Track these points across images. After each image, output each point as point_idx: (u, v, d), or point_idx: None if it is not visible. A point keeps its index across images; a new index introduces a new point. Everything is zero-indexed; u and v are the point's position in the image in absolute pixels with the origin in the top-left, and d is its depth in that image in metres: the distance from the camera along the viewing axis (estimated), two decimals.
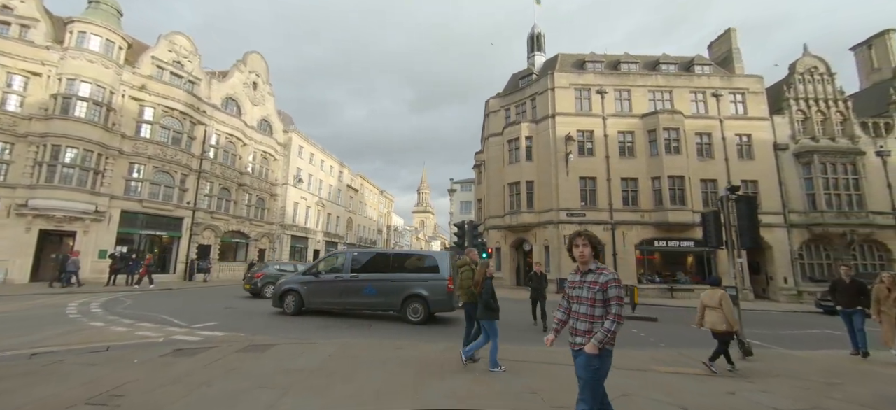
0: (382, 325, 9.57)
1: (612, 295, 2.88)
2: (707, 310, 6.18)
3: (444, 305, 9.92)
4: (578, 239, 3.10)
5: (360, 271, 10.59)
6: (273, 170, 33.17)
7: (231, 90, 28.61)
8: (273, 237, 32.75)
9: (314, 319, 10.01)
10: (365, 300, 10.34)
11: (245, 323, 9.04)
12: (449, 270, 9.94)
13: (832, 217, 23.17)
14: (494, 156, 27.35)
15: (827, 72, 25.89)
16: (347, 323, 9.72)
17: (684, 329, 10.94)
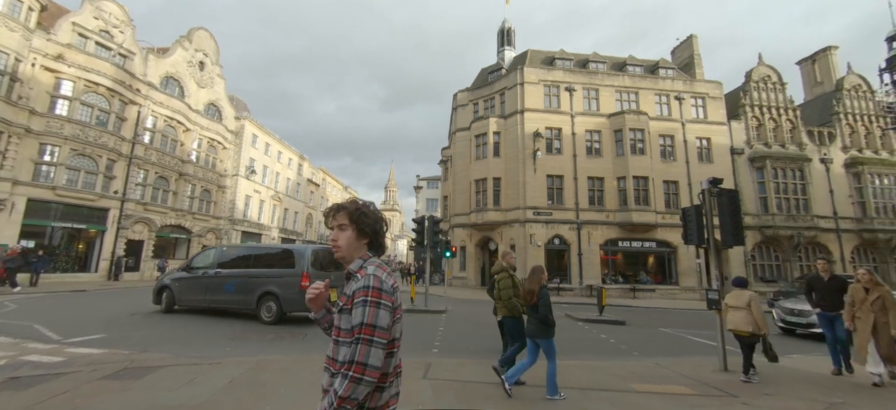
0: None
1: (358, 322, 1.48)
2: (730, 311, 5.97)
3: (296, 304, 8.96)
4: (336, 215, 1.77)
5: (226, 267, 10.08)
6: (222, 160, 30.38)
7: (172, 68, 25.72)
8: (220, 232, 29.98)
9: (235, 325, 8.43)
10: (225, 297, 9.70)
11: (142, 335, 7.33)
12: (307, 265, 9.09)
13: (782, 220, 24.12)
14: (461, 151, 26.36)
15: (779, 82, 27.06)
16: (276, 332, 8.23)
17: (654, 333, 10.36)
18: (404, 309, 12.00)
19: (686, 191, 23.91)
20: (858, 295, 5.79)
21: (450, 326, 9.82)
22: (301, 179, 43.79)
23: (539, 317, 4.50)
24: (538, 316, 4.51)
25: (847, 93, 27.72)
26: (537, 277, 4.65)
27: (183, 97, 26.34)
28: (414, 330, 9.28)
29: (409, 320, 10.60)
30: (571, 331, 9.99)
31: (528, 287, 4.65)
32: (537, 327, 4.56)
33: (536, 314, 4.53)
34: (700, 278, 23.00)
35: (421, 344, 7.69)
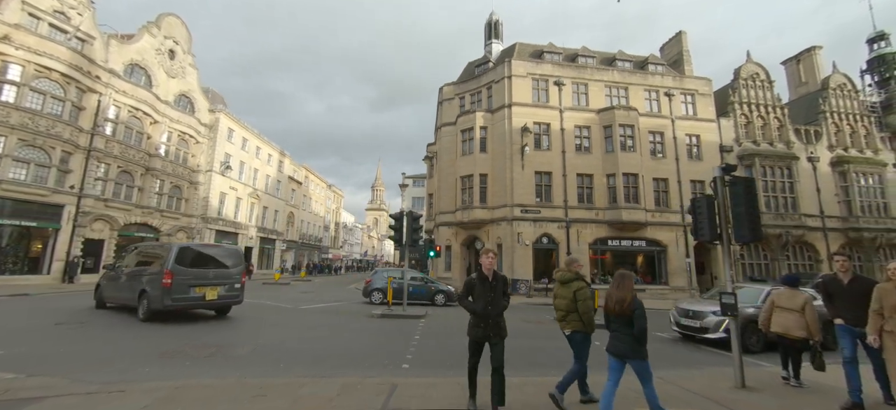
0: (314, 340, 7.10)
1: None
2: (778, 311, 5.44)
3: (157, 302, 8.85)
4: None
5: (130, 265, 10.30)
6: (194, 155, 28.72)
7: (138, 56, 24.05)
8: (192, 231, 28.33)
9: (172, 339, 7.27)
10: (126, 295, 9.88)
11: (49, 352, 6.04)
12: (170, 263, 8.93)
13: (770, 218, 23.84)
14: (447, 146, 25.38)
15: (767, 80, 26.88)
16: (217, 346, 7.09)
17: (651, 338, 9.55)
18: (378, 315, 11.08)
19: (675, 189, 23.44)
20: (890, 299, 4.18)
21: (428, 334, 8.82)
22: (282, 177, 42.14)
23: (635, 332, 3.65)
24: (634, 331, 3.66)
25: (833, 92, 27.74)
26: (628, 283, 3.87)
27: (150, 87, 24.67)
28: (385, 339, 8.27)
29: (382, 327, 9.57)
30: (559, 338, 9.09)
31: (617, 295, 3.83)
32: (630, 344, 3.71)
33: (628, 328, 3.69)
34: (690, 278, 22.54)
35: (389, 357, 6.71)
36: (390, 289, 12.26)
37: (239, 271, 10.30)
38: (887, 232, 25.23)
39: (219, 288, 9.69)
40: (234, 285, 10.04)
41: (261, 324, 9.18)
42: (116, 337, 7.53)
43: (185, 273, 9.07)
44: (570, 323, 4.45)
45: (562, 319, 4.52)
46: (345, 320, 10.35)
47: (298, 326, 9.15)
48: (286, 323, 9.68)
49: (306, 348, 7.02)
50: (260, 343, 7.29)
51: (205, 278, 9.52)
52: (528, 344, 8.17)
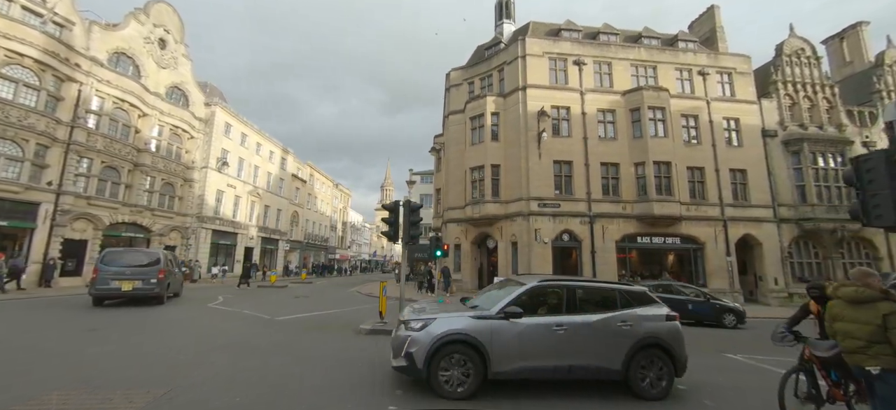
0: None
1: None
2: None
3: (91, 289, 11.88)
4: None
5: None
6: (188, 151, 27.16)
7: (124, 44, 22.51)
8: (186, 231, 26.77)
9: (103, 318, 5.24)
10: None
11: None
12: (97, 262, 11.56)
13: (823, 211, 21.02)
14: (455, 136, 23.20)
15: (813, 56, 23.96)
16: (125, 366, 5.04)
17: (721, 362, 7.20)
18: (367, 330, 8.64)
19: (713, 179, 20.81)
20: None
21: None
22: (285, 174, 40.55)
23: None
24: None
25: (889, 69, 24.66)
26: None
27: (138, 77, 23.12)
28: (373, 361, 6.14)
29: (371, 345, 7.46)
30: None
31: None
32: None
33: None
34: (731, 278, 19.90)
35: (372, 388, 4.67)
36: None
37: (154, 269, 12.42)
38: None
39: (135, 282, 12.03)
40: (150, 280, 12.24)
41: (204, 348, 6.98)
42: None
43: (106, 270, 11.76)
44: (876, 358, 3.14)
45: (858, 351, 3.28)
46: (324, 340, 8.07)
47: (251, 350, 6.91)
48: (239, 343, 7.47)
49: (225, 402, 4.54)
50: (167, 382, 5.11)
51: (122, 275, 11.98)
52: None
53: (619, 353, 5.13)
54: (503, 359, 4.96)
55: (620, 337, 5.21)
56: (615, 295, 5.57)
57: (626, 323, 5.27)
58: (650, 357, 5.22)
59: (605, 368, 5.15)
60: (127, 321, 9.43)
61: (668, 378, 5.22)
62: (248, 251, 33.18)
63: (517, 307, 5.13)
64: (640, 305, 5.50)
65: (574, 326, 5.16)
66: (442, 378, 4.84)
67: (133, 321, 9.45)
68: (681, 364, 5.32)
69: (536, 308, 5.39)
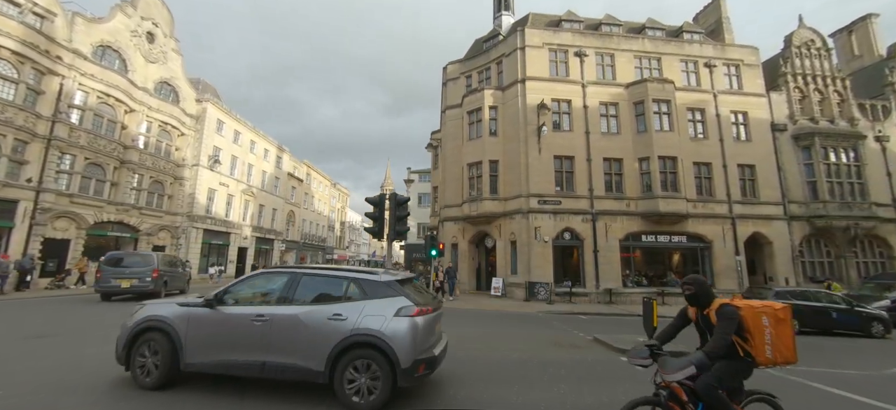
0: None
1: None
2: None
3: (97, 286, 14.36)
4: None
5: None
6: (179, 148, 26.43)
7: (110, 37, 21.75)
8: (176, 231, 26.00)
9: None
10: None
11: None
12: (100, 263, 14.34)
13: (835, 208, 20.16)
14: (452, 132, 22.41)
15: (823, 47, 23.13)
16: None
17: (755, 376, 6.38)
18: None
19: (720, 175, 19.98)
20: None
21: None
22: (280, 173, 39.78)
23: None
24: None
25: None
26: None
27: (125, 71, 22.37)
28: None
29: None
30: (619, 379, 6.06)
31: None
32: None
33: None
34: (740, 278, 19.06)
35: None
36: None
37: (149, 269, 14.10)
38: None
39: (133, 280, 13.83)
40: (145, 278, 13.94)
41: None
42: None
43: (109, 270, 13.88)
44: None
45: None
46: None
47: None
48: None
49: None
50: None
51: (121, 274, 13.88)
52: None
53: (323, 352, 4.25)
54: (198, 350, 4.53)
55: (326, 333, 4.31)
56: (344, 285, 4.69)
57: (338, 317, 4.36)
58: (363, 359, 4.23)
59: (305, 368, 4.29)
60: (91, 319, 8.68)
61: (384, 387, 4.16)
62: (241, 251, 32.42)
63: (229, 294, 4.74)
64: (375, 297, 4.52)
65: (276, 318, 4.46)
66: (137, 366, 4.62)
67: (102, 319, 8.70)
68: (404, 371, 4.16)
69: (260, 297, 4.86)
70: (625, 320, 13.12)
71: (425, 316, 4.50)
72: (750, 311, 3.00)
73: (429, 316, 4.56)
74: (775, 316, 2.99)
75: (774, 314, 2.99)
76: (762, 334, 2.97)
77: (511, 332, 9.70)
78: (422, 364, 4.30)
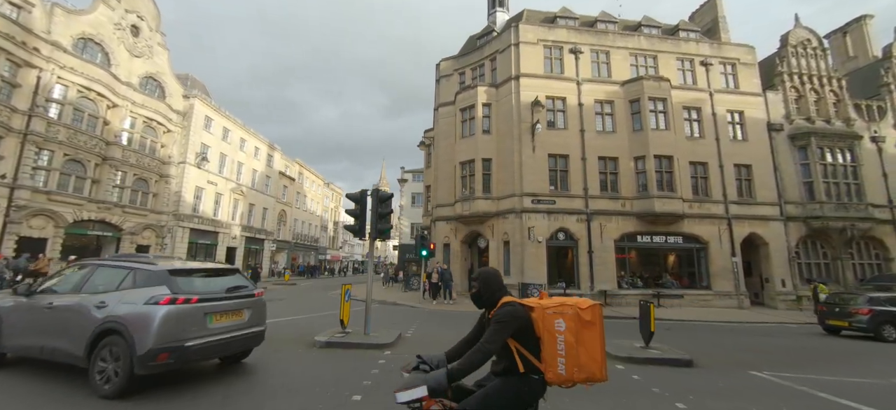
0: None
1: None
2: None
3: None
4: None
5: None
6: (164, 145, 25.73)
7: (92, 29, 21.07)
8: (161, 230, 25.30)
9: None
10: None
11: None
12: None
13: (831, 209, 19.91)
14: (445, 129, 21.95)
15: (820, 47, 22.93)
16: None
17: (746, 383, 5.93)
18: (322, 343, 5.72)
19: (717, 175, 19.67)
20: None
21: (385, 381, 5.31)
22: (271, 172, 39.10)
23: None
24: None
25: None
26: None
27: (108, 65, 21.71)
28: (307, 393, 4.82)
29: (319, 363, 6.13)
30: (608, 393, 5.59)
31: None
32: None
33: None
34: (736, 280, 18.74)
35: None
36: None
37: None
38: None
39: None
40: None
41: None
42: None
43: None
44: None
45: None
46: (267, 356, 6.75)
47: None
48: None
49: None
50: None
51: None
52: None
53: (83, 337, 4.57)
54: (11, 335, 5.09)
55: (88, 320, 4.64)
56: (124, 275, 4.91)
57: (102, 305, 4.65)
58: (111, 345, 4.47)
59: (72, 353, 4.64)
60: None
61: (123, 374, 4.33)
62: (230, 251, 31.73)
63: (48, 285, 5.22)
64: (142, 286, 4.70)
65: (59, 306, 4.94)
66: None
67: None
68: (140, 357, 4.26)
69: (70, 287, 5.20)
70: (620, 323, 12.69)
71: (183, 306, 4.57)
72: (541, 313, 2.30)
73: (191, 307, 4.62)
74: (578, 317, 2.28)
75: (577, 315, 2.28)
76: (554, 342, 2.26)
77: None
78: (164, 353, 4.36)
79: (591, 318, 2.29)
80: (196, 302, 4.69)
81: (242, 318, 5.28)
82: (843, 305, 11.58)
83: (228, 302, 5.12)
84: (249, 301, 5.43)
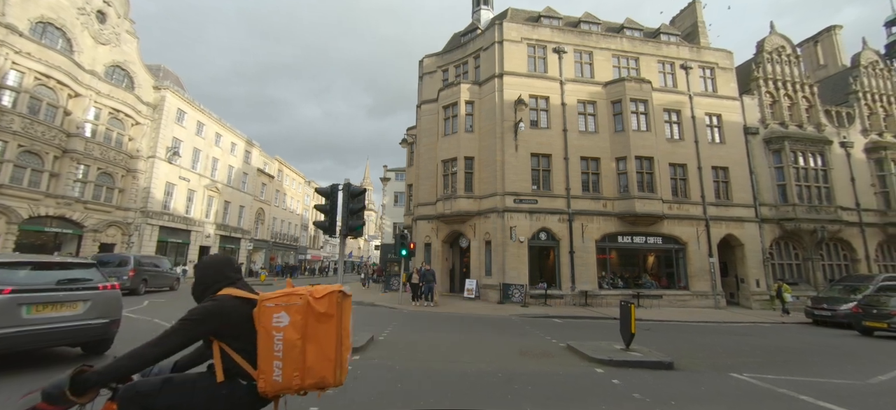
0: None
1: None
2: None
3: None
4: None
5: None
6: (132, 138, 24.46)
7: (52, 13, 19.80)
8: (128, 227, 24.04)
9: None
10: None
11: None
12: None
13: (804, 211, 20.46)
14: (427, 127, 21.56)
15: (793, 54, 23.60)
16: None
17: (725, 385, 5.76)
18: None
19: (695, 177, 19.94)
20: None
21: (340, 396, 4.88)
22: (249, 169, 37.86)
23: None
24: None
25: (864, 71, 24.56)
26: None
27: (70, 51, 20.46)
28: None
29: None
30: (592, 397, 5.34)
31: None
32: None
33: None
34: (714, 281, 19.01)
35: None
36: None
37: (126, 269, 14.92)
38: None
39: (112, 279, 12.77)
40: (122, 277, 14.20)
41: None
42: None
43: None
44: None
45: None
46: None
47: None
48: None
49: None
50: None
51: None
52: None
53: None
54: None
55: None
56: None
57: None
58: None
59: None
60: None
61: None
62: (203, 250, 30.48)
63: None
64: None
65: None
66: None
67: None
68: None
69: None
70: (600, 323, 12.59)
71: None
72: (260, 306, 1.88)
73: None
74: (309, 309, 1.83)
75: (308, 306, 1.83)
76: (270, 342, 1.82)
77: (479, 339, 8.91)
78: None
79: (327, 309, 1.84)
80: (8, 293, 4.76)
81: (76, 310, 5.36)
82: (881, 307, 11.84)
83: (55, 294, 5.19)
84: (88, 294, 5.50)
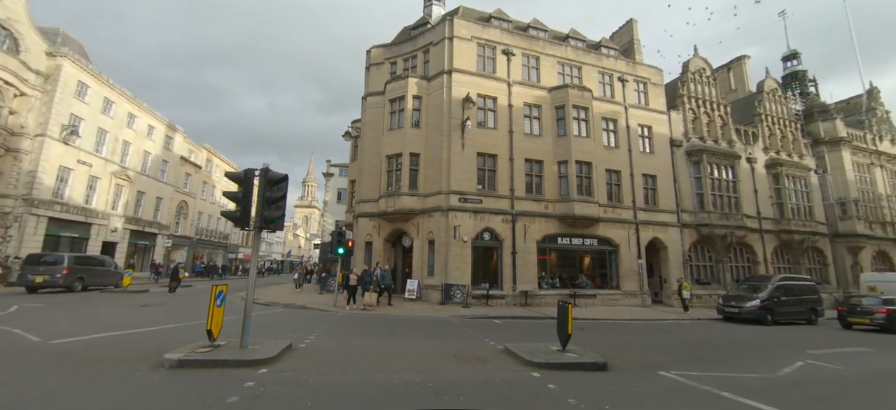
0: None
1: None
2: None
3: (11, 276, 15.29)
4: None
5: None
6: (14, 111, 20.57)
7: None
8: (6, 218, 20.09)
9: None
10: None
11: None
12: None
13: (717, 218, 22.64)
14: (373, 120, 20.60)
15: (712, 76, 26.17)
16: None
17: (656, 385, 5.76)
18: (173, 361, 4.18)
19: (628, 183, 21.15)
20: None
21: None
22: (170, 156, 33.81)
23: None
24: None
25: (767, 96, 27.94)
26: None
27: None
28: None
29: (152, 393, 4.62)
30: (525, 402, 4.98)
31: None
32: None
33: None
34: (641, 281, 20.27)
35: None
36: None
37: (60, 267, 15.84)
38: (811, 235, 25.54)
39: (45, 276, 15.55)
40: (56, 275, 15.64)
41: None
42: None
43: (27, 268, 15.71)
44: None
45: None
46: (86, 384, 4.80)
47: None
48: None
49: None
50: None
51: (36, 271, 15.53)
52: None
53: None
54: None
55: None
56: None
57: None
58: None
59: None
60: None
61: None
62: (108, 246, 26.52)
63: None
64: None
65: None
66: None
67: None
68: None
69: None
70: (539, 323, 12.65)
71: None
72: None
73: None
74: None
75: None
76: None
77: (414, 343, 8.34)
78: None
79: None
80: None
81: None
82: (864, 306, 14.95)
83: None
84: None
